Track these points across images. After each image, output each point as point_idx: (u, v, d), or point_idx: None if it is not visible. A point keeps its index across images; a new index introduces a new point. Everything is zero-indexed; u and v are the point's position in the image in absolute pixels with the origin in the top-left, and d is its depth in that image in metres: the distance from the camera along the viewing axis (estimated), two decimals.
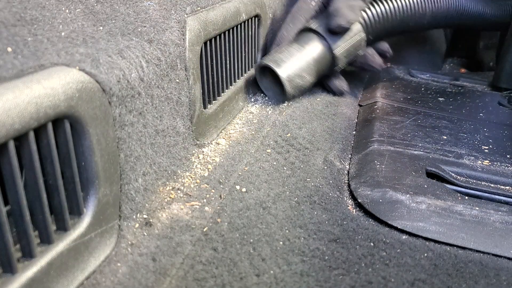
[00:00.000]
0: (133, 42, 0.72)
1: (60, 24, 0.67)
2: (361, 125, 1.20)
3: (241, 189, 0.84)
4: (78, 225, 0.60)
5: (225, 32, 1.06)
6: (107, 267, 0.62)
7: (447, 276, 0.67)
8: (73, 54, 0.61)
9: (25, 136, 0.51)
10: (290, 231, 0.75)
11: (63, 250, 0.56)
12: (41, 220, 0.55)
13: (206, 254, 0.68)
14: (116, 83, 0.64)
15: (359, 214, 0.82)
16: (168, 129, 0.81)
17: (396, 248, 0.73)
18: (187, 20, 0.88)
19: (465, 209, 0.81)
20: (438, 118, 1.24)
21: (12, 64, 0.53)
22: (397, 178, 0.90)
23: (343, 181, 0.93)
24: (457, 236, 0.75)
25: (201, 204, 0.79)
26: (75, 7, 0.74)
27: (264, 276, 0.65)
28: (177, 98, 0.83)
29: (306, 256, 0.69)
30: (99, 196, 0.62)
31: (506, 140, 1.12)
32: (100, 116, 0.61)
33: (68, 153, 0.57)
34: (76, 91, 0.56)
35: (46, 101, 0.52)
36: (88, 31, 0.69)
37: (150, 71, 0.73)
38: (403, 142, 1.07)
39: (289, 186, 0.86)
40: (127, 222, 0.69)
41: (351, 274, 0.67)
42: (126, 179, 0.68)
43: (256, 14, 1.23)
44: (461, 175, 0.95)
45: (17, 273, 0.51)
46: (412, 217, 0.79)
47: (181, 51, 0.84)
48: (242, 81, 1.19)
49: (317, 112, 1.20)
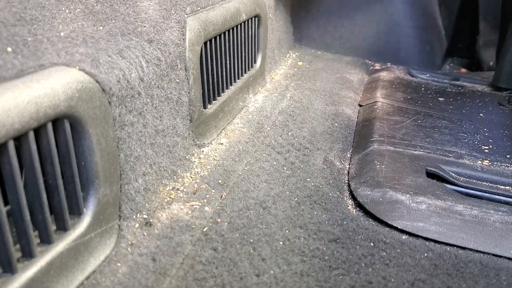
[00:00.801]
0: (133, 42, 0.72)
1: (60, 24, 0.67)
2: (361, 125, 1.20)
3: (241, 189, 0.84)
4: (78, 225, 0.60)
5: (225, 32, 1.06)
6: (107, 267, 0.62)
7: (447, 276, 0.67)
8: (73, 54, 0.61)
9: (25, 136, 0.51)
10: (290, 231, 0.75)
11: (63, 250, 0.56)
12: (41, 220, 0.55)
13: (206, 254, 0.68)
14: (116, 83, 0.64)
15: (359, 214, 0.82)
16: (168, 129, 0.81)
17: (396, 248, 0.73)
18: (187, 20, 0.88)
19: (465, 209, 0.81)
20: (438, 118, 1.24)
21: (12, 64, 0.53)
22: (397, 178, 0.90)
23: (343, 181, 0.93)
24: (457, 236, 0.75)
25: (201, 204, 0.79)
26: (75, 7, 0.74)
27: (264, 276, 0.65)
28: (177, 98, 0.83)
29: (306, 256, 0.69)
30: (99, 196, 0.62)
31: (506, 140, 1.12)
32: (100, 116, 0.61)
33: (68, 153, 0.57)
34: (76, 91, 0.56)
35: (46, 101, 0.52)
36: (88, 31, 0.69)
37: (150, 71, 0.73)
38: (403, 142, 1.07)
39: (289, 186, 0.86)
40: (127, 222, 0.69)
41: (351, 274, 0.67)
42: (126, 179, 0.68)
43: (256, 14, 1.23)
44: (461, 175, 0.95)
45: (17, 273, 0.51)
46: (412, 217, 0.79)
47: (181, 51, 0.84)
48: (242, 81, 1.19)
49: (318, 112, 1.20)
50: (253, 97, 1.25)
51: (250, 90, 1.24)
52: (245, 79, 1.20)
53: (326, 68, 1.61)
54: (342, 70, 1.62)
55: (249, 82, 1.23)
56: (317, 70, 1.58)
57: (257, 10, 1.22)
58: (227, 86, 1.11)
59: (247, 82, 1.22)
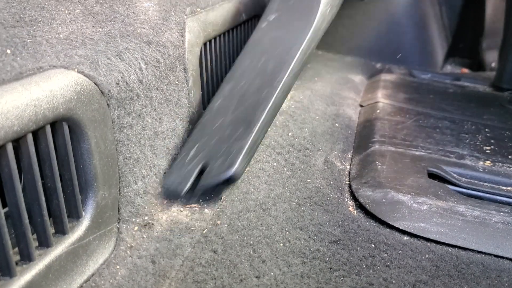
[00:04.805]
0: (132, 44, 0.72)
1: (59, 25, 0.67)
2: (362, 125, 1.20)
3: (240, 190, 0.84)
4: (77, 228, 0.60)
5: (225, 33, 1.06)
6: (106, 270, 0.62)
7: (448, 278, 0.67)
8: (72, 56, 0.61)
9: (24, 139, 0.51)
10: (291, 232, 0.74)
11: (61, 253, 0.56)
12: (39, 223, 0.54)
13: (206, 256, 0.67)
14: (115, 85, 0.64)
15: (360, 215, 0.81)
16: (168, 131, 0.81)
17: (398, 250, 0.72)
18: (187, 21, 0.88)
19: (466, 210, 0.81)
20: (440, 119, 1.23)
21: (11, 66, 0.53)
22: (398, 178, 0.90)
23: (344, 182, 0.93)
24: (459, 237, 0.75)
25: (201, 206, 0.78)
26: (74, 8, 0.74)
27: (264, 278, 0.65)
28: (176, 100, 0.83)
29: (307, 258, 0.69)
30: (98, 199, 0.62)
31: (508, 141, 1.12)
32: (98, 118, 0.61)
33: (66, 155, 0.57)
34: (74, 93, 0.56)
35: (44, 104, 0.52)
36: (87, 32, 0.69)
37: (149, 73, 0.73)
38: (404, 142, 1.06)
39: (290, 187, 0.86)
40: (126, 225, 0.69)
41: (352, 275, 0.66)
42: (125, 181, 0.68)
43: (256, 14, 1.22)
44: (463, 176, 0.94)
45: (15, 277, 0.51)
46: (414, 218, 0.78)
47: (180, 52, 0.84)
48: None
49: (318, 112, 1.20)
50: None
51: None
52: None
53: (327, 68, 1.61)
54: (343, 70, 1.61)
55: None
56: (317, 70, 1.58)
57: (257, 10, 1.22)
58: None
59: None
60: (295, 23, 1.03)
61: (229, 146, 0.81)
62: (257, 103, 0.88)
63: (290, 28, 1.02)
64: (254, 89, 0.91)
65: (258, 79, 0.93)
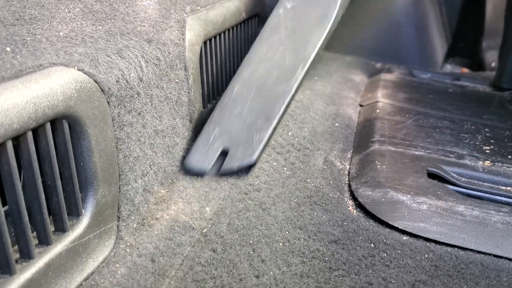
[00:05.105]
0: (132, 42, 0.72)
1: (59, 23, 0.67)
2: (362, 125, 1.20)
3: (240, 190, 0.83)
4: (77, 226, 0.60)
5: (225, 32, 1.06)
6: (106, 268, 0.62)
7: (448, 277, 0.67)
8: (72, 54, 0.61)
9: (24, 136, 0.50)
10: (290, 232, 0.74)
11: (61, 251, 0.56)
12: (39, 221, 0.54)
13: (206, 255, 0.67)
14: (115, 83, 0.64)
15: (359, 215, 0.81)
16: (168, 129, 0.81)
17: (397, 249, 0.72)
18: (187, 20, 0.88)
19: (466, 210, 0.81)
20: (439, 118, 1.23)
21: (10, 64, 0.53)
22: (398, 178, 0.90)
23: (344, 181, 0.93)
24: (458, 237, 0.75)
25: (201, 205, 0.78)
26: (74, 6, 0.74)
27: (264, 277, 0.65)
28: (176, 98, 0.83)
29: (306, 258, 0.69)
30: (98, 197, 0.62)
31: (508, 141, 1.12)
32: (98, 116, 0.60)
33: (66, 153, 0.57)
34: (74, 91, 0.56)
35: (44, 101, 0.52)
36: (87, 30, 0.69)
37: (149, 71, 0.73)
38: (404, 142, 1.06)
39: (289, 187, 0.86)
40: (126, 223, 0.69)
41: (351, 275, 0.66)
42: (125, 179, 0.68)
43: (256, 13, 1.22)
44: (463, 176, 0.94)
45: (15, 274, 0.51)
46: (413, 218, 0.78)
47: (180, 50, 0.84)
48: None
49: (318, 112, 1.20)
50: None
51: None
52: None
53: (327, 68, 1.61)
54: (343, 70, 1.61)
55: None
56: (317, 70, 1.58)
57: (257, 9, 1.22)
58: (227, 86, 1.11)
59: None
60: (312, 16, 1.03)
61: (250, 135, 0.86)
62: (275, 97, 0.91)
63: (307, 21, 1.03)
64: (271, 82, 0.94)
65: (275, 71, 0.96)
